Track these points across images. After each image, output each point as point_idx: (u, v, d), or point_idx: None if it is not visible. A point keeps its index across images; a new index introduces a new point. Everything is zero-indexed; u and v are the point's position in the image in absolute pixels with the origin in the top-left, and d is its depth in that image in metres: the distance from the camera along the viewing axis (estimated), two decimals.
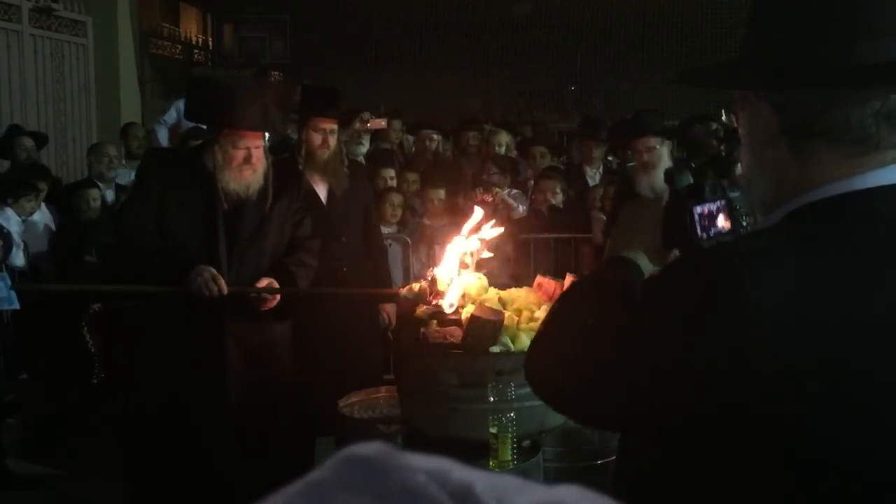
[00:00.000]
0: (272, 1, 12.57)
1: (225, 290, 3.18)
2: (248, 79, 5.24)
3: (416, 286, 2.91)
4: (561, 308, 1.33)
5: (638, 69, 12.31)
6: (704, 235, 1.32)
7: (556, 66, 12.80)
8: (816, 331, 0.98)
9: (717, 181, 1.38)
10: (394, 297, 3.43)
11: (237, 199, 3.32)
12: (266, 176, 3.38)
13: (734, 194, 1.34)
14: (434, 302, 2.81)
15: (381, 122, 7.14)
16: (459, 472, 0.41)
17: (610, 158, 6.99)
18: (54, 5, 8.61)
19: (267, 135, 3.54)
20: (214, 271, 3.18)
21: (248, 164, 3.31)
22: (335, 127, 4.17)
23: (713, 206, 1.34)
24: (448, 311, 2.76)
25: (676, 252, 1.38)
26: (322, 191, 4.18)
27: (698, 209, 1.33)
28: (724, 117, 6.33)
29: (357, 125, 6.63)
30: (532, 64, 12.65)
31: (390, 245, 5.79)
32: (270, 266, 3.39)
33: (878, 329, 0.99)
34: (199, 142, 3.88)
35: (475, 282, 2.90)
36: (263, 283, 3.34)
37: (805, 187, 1.09)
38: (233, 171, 3.30)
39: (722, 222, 1.33)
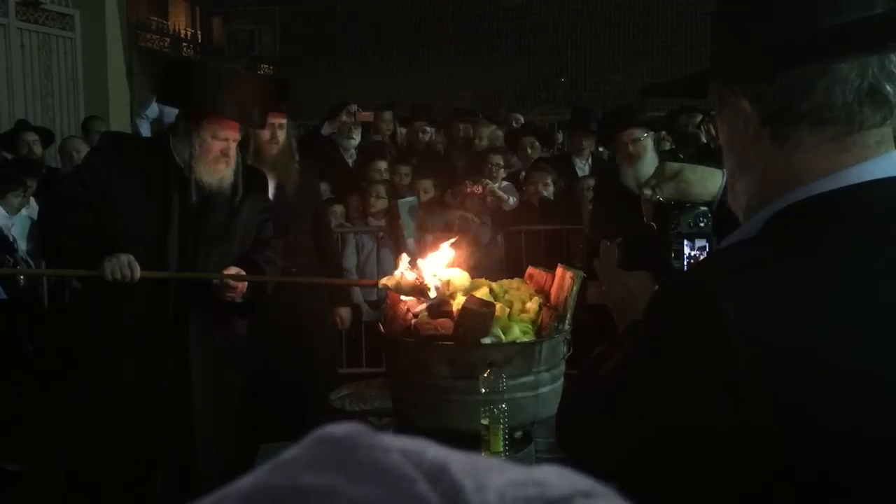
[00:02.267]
0: None
1: (138, 274, 2.99)
2: (233, 68, 5.11)
3: (396, 275, 2.89)
4: (581, 373, 1.29)
5: (629, 60, 12.31)
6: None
7: (547, 56, 12.79)
8: (812, 354, 0.95)
9: (703, 210, 1.37)
10: (374, 286, 3.36)
11: (207, 192, 3.17)
12: (237, 171, 3.24)
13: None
14: (416, 288, 2.81)
15: (368, 115, 7.11)
16: (434, 451, 0.41)
17: (601, 149, 6.99)
18: None
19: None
20: (131, 257, 2.99)
21: (224, 157, 3.16)
22: (284, 122, 4.02)
23: (701, 245, 1.33)
24: (431, 295, 2.77)
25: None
26: (270, 187, 3.99)
27: (688, 251, 1.32)
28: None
29: (344, 118, 6.61)
30: (523, 55, 12.63)
31: (381, 237, 5.79)
32: (236, 262, 3.24)
33: (871, 344, 0.96)
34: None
35: (459, 274, 2.90)
36: (231, 271, 3.19)
37: (790, 185, 1.05)
38: (208, 163, 3.14)
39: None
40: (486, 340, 2.64)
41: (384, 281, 2.92)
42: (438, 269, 2.88)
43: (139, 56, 10.73)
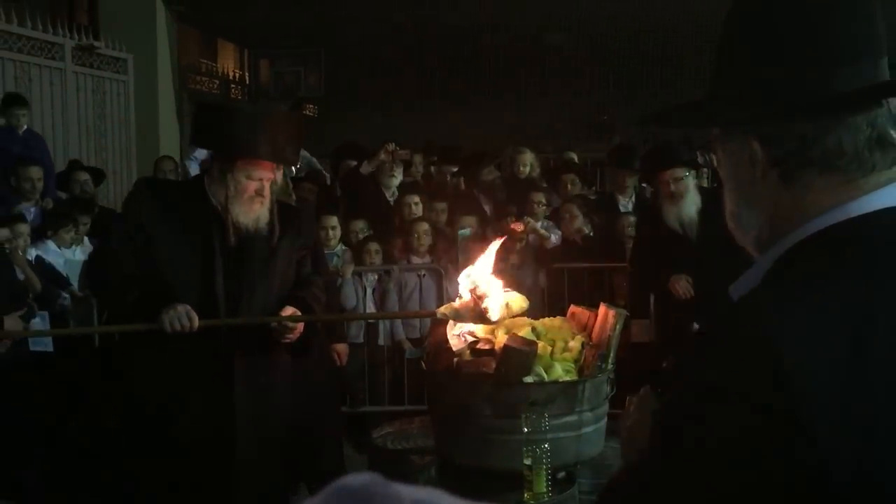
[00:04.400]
0: (307, 35, 12.79)
1: (196, 324, 2.99)
2: (262, 107, 5.11)
3: (454, 304, 2.88)
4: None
5: (671, 96, 12.29)
6: None
7: (590, 93, 12.83)
8: (868, 389, 0.93)
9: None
10: (432, 316, 3.27)
11: (245, 234, 3.14)
12: (272, 210, 3.21)
13: None
14: (475, 313, 2.78)
15: (406, 153, 7.19)
16: (448, 501, 0.42)
17: (644, 186, 6.96)
18: (96, 43, 8.85)
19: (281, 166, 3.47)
20: (188, 307, 3.00)
21: (259, 197, 3.14)
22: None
23: None
24: (492, 318, 2.75)
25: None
26: None
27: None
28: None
29: (382, 156, 6.69)
30: (565, 92, 12.69)
31: (423, 276, 5.82)
32: (278, 303, 3.19)
33: None
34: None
35: (516, 297, 2.88)
36: (288, 311, 3.15)
37: (800, 220, 1.06)
38: (244, 204, 3.13)
39: None
40: (529, 379, 2.63)
41: (442, 310, 2.91)
42: (495, 292, 2.86)
43: (189, 98, 11.02)
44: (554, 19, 11.83)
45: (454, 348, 2.84)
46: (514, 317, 2.85)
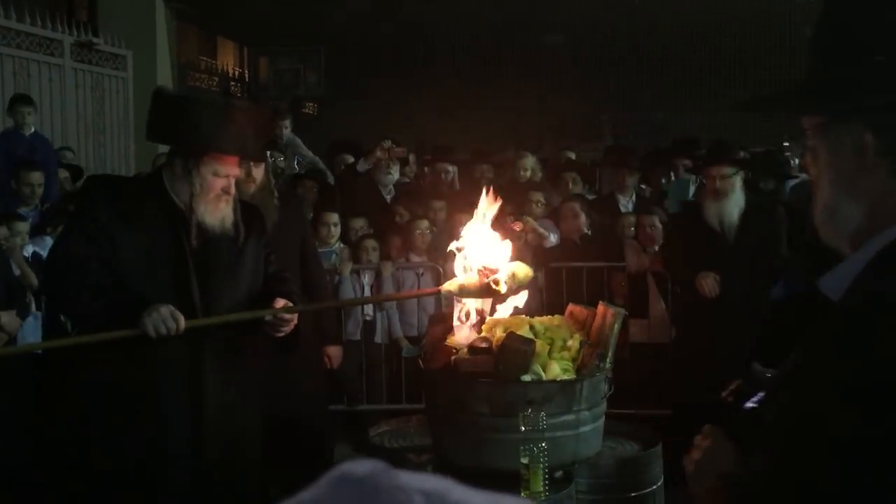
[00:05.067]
0: (306, 34, 12.77)
1: (183, 325, 2.73)
2: (225, 98, 4.63)
3: (458, 280, 2.79)
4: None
5: (670, 98, 12.28)
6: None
7: (589, 94, 12.82)
8: None
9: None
10: (436, 294, 3.05)
11: (210, 235, 2.90)
12: (235, 209, 2.98)
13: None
14: (483, 288, 2.69)
15: (403, 151, 7.17)
16: (458, 492, 0.41)
17: (643, 186, 6.95)
18: (95, 40, 8.84)
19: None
20: (171, 307, 2.73)
21: (226, 195, 2.91)
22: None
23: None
24: (502, 290, 2.67)
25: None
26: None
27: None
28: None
29: (378, 153, 6.66)
30: (564, 93, 12.68)
31: (422, 274, 5.81)
32: (249, 306, 2.97)
33: None
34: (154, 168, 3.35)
35: (521, 266, 2.79)
36: (279, 303, 2.95)
37: None
38: (209, 203, 2.88)
39: None
40: (526, 378, 2.63)
41: (446, 287, 2.82)
42: (500, 263, 2.77)
43: None
44: (553, 21, 11.82)
45: (456, 330, 2.82)
46: (520, 286, 2.76)
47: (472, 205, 3.08)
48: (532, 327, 2.82)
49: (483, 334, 2.78)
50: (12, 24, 7.80)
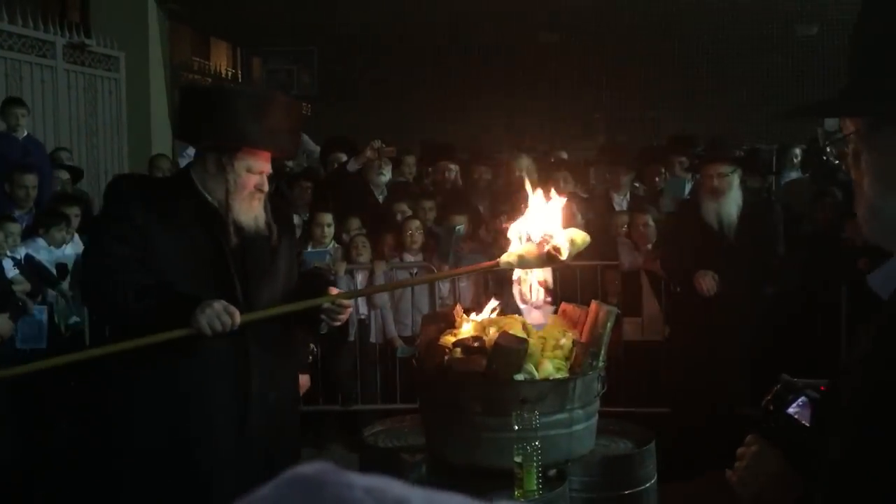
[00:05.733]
0: (300, 34, 12.76)
1: (238, 320, 2.61)
2: (259, 91, 4.26)
3: (515, 251, 2.66)
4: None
5: (664, 96, 12.30)
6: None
7: (583, 93, 12.83)
8: None
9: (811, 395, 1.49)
10: (495, 267, 2.83)
11: (245, 234, 2.77)
12: (266, 207, 2.86)
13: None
14: (544, 256, 2.60)
15: (392, 151, 7.16)
16: (399, 489, 0.42)
17: (637, 185, 6.96)
18: (88, 41, 8.82)
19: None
20: (223, 301, 2.60)
21: (259, 193, 2.78)
22: None
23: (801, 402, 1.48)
24: (563, 257, 2.58)
25: None
26: None
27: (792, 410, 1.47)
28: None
29: (369, 153, 6.65)
30: (558, 92, 12.69)
31: (416, 273, 5.81)
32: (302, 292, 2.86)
33: None
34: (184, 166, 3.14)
35: (578, 232, 2.69)
36: (333, 291, 2.86)
37: None
38: (244, 201, 2.76)
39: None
40: (519, 377, 2.63)
41: (505, 258, 2.68)
42: (556, 229, 2.67)
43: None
44: (549, 18, 11.82)
45: (525, 313, 2.75)
46: (578, 252, 2.66)
47: (466, 205, 3.03)
48: (524, 326, 2.83)
49: (475, 333, 2.78)
50: (4, 26, 7.78)
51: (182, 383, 2.70)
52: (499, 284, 4.64)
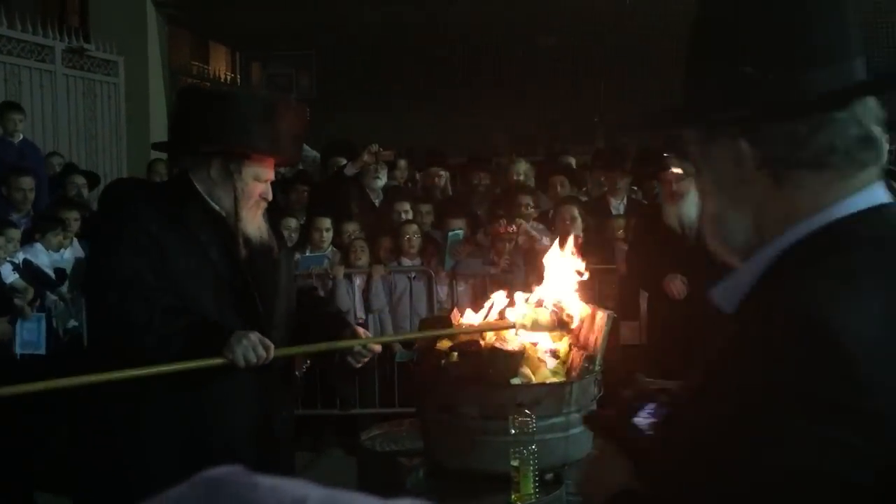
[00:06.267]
0: (298, 38, 12.79)
1: (272, 354, 2.47)
2: (265, 94, 3.84)
3: (528, 314, 2.81)
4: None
5: (662, 99, 12.32)
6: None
7: (581, 96, 12.85)
8: None
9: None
10: (511, 328, 2.83)
11: (252, 245, 2.63)
12: (265, 216, 2.72)
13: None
14: (557, 322, 2.78)
15: (390, 154, 7.17)
16: (300, 488, 0.43)
17: (634, 188, 6.97)
18: (87, 46, 8.84)
19: None
20: (258, 334, 2.46)
21: (263, 202, 2.64)
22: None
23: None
24: (573, 326, 2.77)
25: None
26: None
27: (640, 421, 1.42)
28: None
29: (366, 157, 6.65)
30: (556, 95, 12.71)
31: (413, 277, 5.82)
32: (288, 322, 2.75)
33: None
34: (178, 171, 2.95)
35: (584, 306, 2.88)
36: (360, 332, 2.76)
37: (795, 219, 1.07)
38: (250, 210, 2.61)
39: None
40: (516, 381, 2.64)
41: (520, 322, 2.80)
42: (566, 297, 2.83)
43: None
44: (545, 22, 11.85)
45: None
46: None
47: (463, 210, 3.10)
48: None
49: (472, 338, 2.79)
50: (3, 31, 7.80)
51: (202, 401, 2.54)
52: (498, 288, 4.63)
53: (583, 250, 2.84)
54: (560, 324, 2.77)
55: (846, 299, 0.95)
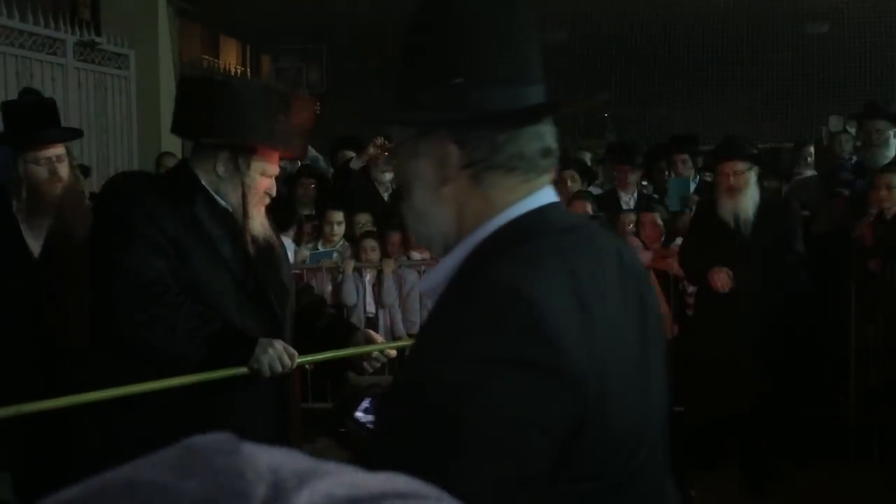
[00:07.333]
0: (308, 31, 12.78)
1: (297, 361, 2.44)
2: (271, 85, 3.84)
3: None
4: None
5: (673, 95, 12.27)
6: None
7: (592, 91, 12.81)
8: (592, 342, 1.09)
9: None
10: None
11: (258, 243, 2.55)
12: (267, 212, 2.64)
13: None
14: None
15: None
16: (281, 457, 0.43)
17: (644, 183, 6.95)
18: (98, 39, 8.85)
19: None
20: (283, 342, 2.42)
21: (267, 198, 2.56)
22: (63, 151, 3.27)
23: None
24: None
25: None
26: (39, 238, 3.22)
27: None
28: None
29: (371, 150, 6.63)
30: (567, 90, 12.67)
31: (424, 271, 5.82)
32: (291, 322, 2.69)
33: (611, 329, 1.14)
34: (176, 164, 2.86)
35: None
36: (377, 339, 2.70)
37: (490, 214, 1.22)
38: (255, 207, 2.51)
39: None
40: None
41: None
42: None
43: None
44: (557, 16, 11.81)
45: None
46: None
47: None
48: None
49: None
50: (14, 24, 7.81)
51: (217, 404, 2.45)
52: None
53: None
54: None
55: (536, 278, 1.09)
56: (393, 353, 2.79)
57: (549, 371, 1.05)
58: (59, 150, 3.26)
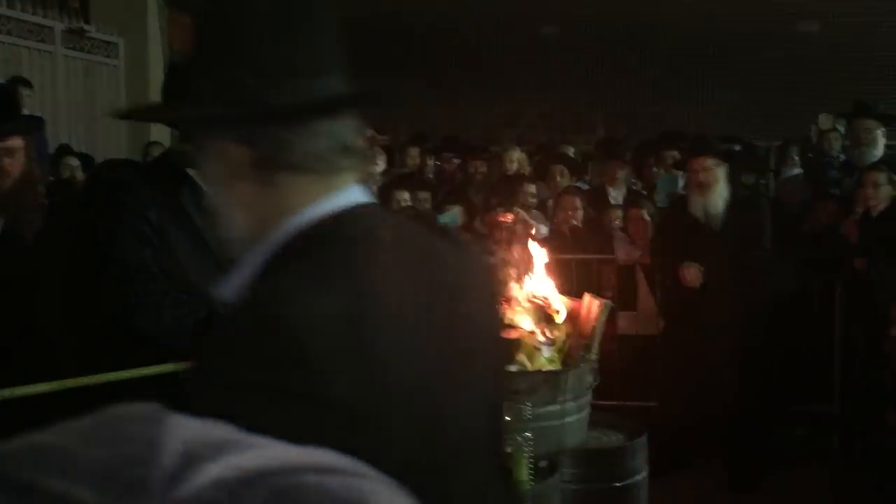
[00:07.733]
0: None
1: None
2: None
3: (516, 312, 2.87)
4: None
5: (667, 91, 12.29)
6: None
7: (583, 87, 12.82)
8: (365, 363, 1.02)
9: None
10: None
11: None
12: None
13: None
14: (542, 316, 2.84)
15: (385, 139, 7.14)
16: (204, 428, 0.43)
17: (633, 180, 6.96)
18: (86, 27, 8.80)
19: None
20: None
21: None
22: (20, 144, 3.01)
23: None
24: (558, 320, 2.83)
25: None
26: None
27: None
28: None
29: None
30: (559, 85, 12.68)
31: None
32: None
33: (405, 329, 1.08)
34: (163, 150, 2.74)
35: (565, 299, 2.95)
36: None
37: (284, 217, 1.15)
38: None
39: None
40: (512, 368, 2.64)
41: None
42: (550, 291, 2.90)
43: None
44: (549, 12, 11.81)
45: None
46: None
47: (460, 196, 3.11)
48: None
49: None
50: (3, 11, 7.76)
51: None
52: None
53: (580, 240, 2.84)
54: (545, 318, 2.80)
55: (304, 300, 1.02)
56: None
57: (305, 398, 0.99)
58: (13, 142, 2.94)
